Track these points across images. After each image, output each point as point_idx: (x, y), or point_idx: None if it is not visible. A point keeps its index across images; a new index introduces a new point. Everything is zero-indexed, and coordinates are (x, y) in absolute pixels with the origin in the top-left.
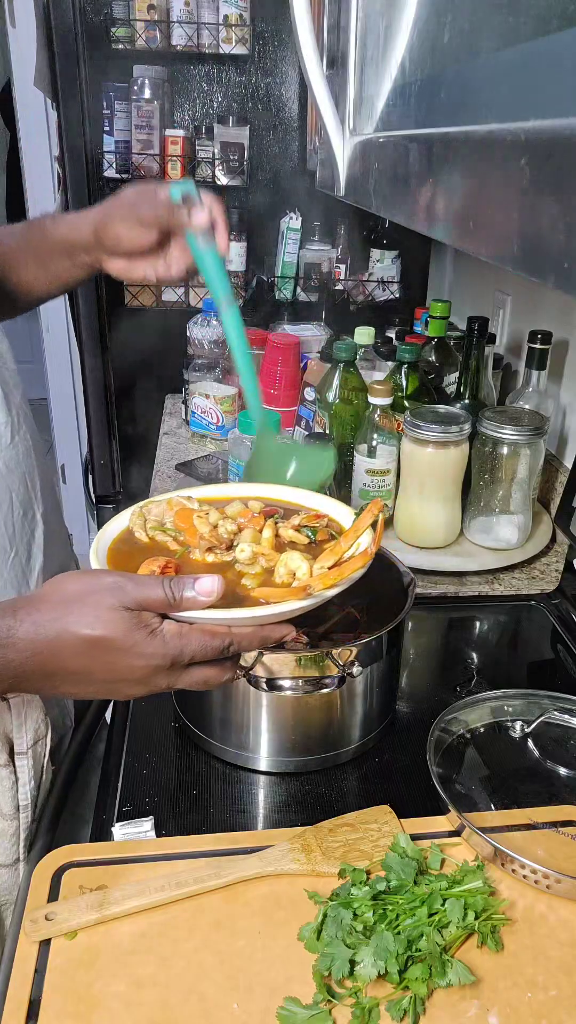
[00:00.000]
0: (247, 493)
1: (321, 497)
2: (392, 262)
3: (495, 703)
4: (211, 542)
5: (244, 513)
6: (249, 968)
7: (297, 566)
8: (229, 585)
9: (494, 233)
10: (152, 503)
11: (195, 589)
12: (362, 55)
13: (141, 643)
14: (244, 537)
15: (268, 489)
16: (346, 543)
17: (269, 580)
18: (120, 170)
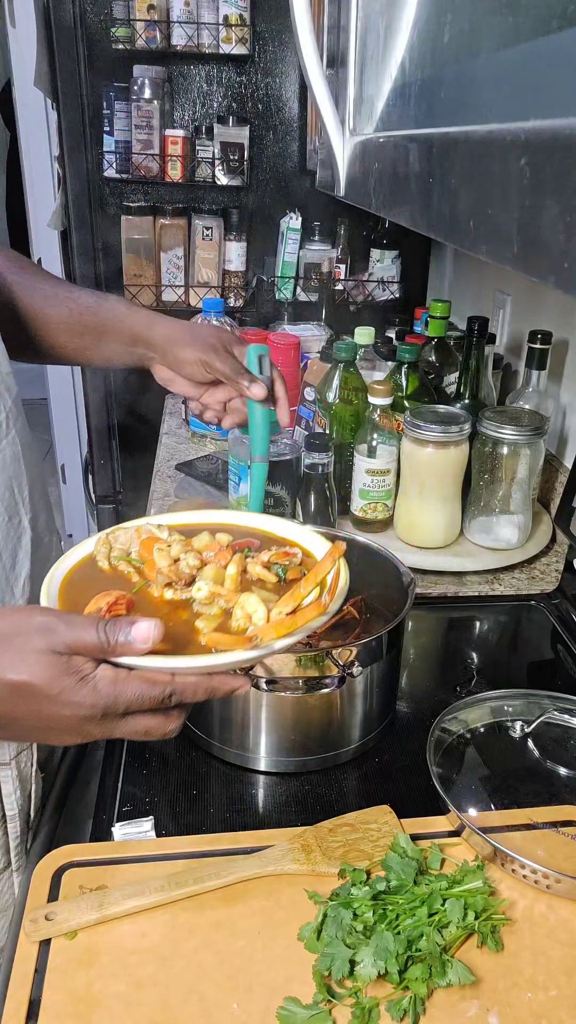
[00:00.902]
0: (223, 520)
1: (300, 528)
2: (392, 262)
3: (495, 703)
4: (169, 577)
5: (211, 546)
6: (249, 968)
7: (254, 610)
8: (182, 626)
9: (494, 233)
10: (120, 530)
11: (130, 634)
12: (362, 55)
13: (68, 691)
14: (205, 574)
15: (247, 518)
16: (305, 588)
17: (225, 623)
18: (120, 170)
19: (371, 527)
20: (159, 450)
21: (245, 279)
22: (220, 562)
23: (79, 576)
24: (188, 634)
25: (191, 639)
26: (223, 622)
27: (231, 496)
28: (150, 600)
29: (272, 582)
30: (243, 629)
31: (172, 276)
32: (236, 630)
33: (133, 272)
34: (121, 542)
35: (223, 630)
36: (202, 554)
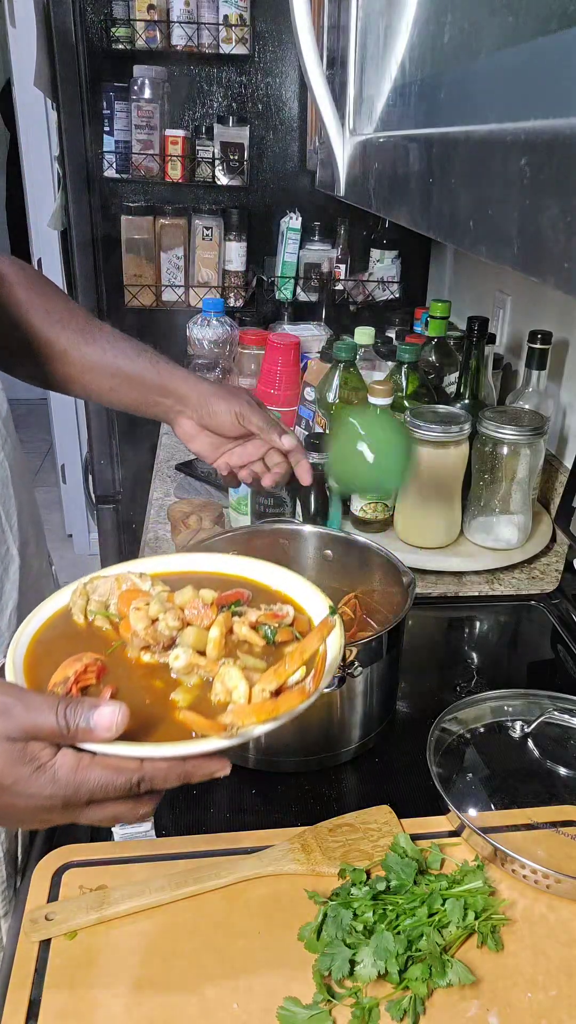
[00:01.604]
0: (213, 568)
1: (295, 579)
2: (392, 262)
3: (495, 703)
4: (146, 641)
5: (194, 603)
6: (249, 968)
7: (234, 686)
8: (157, 696)
9: (494, 233)
10: (100, 578)
11: (92, 720)
12: (362, 55)
13: (24, 780)
14: (186, 637)
15: (239, 564)
16: (291, 665)
17: (204, 696)
18: (120, 170)
19: (371, 527)
20: (159, 450)
21: (245, 279)
22: (203, 623)
23: (52, 633)
24: (163, 707)
25: (165, 714)
26: (201, 694)
27: (231, 496)
28: (125, 663)
29: (259, 646)
30: (223, 704)
31: (172, 276)
32: (215, 704)
33: (133, 272)
34: (100, 593)
35: (201, 704)
36: (184, 611)
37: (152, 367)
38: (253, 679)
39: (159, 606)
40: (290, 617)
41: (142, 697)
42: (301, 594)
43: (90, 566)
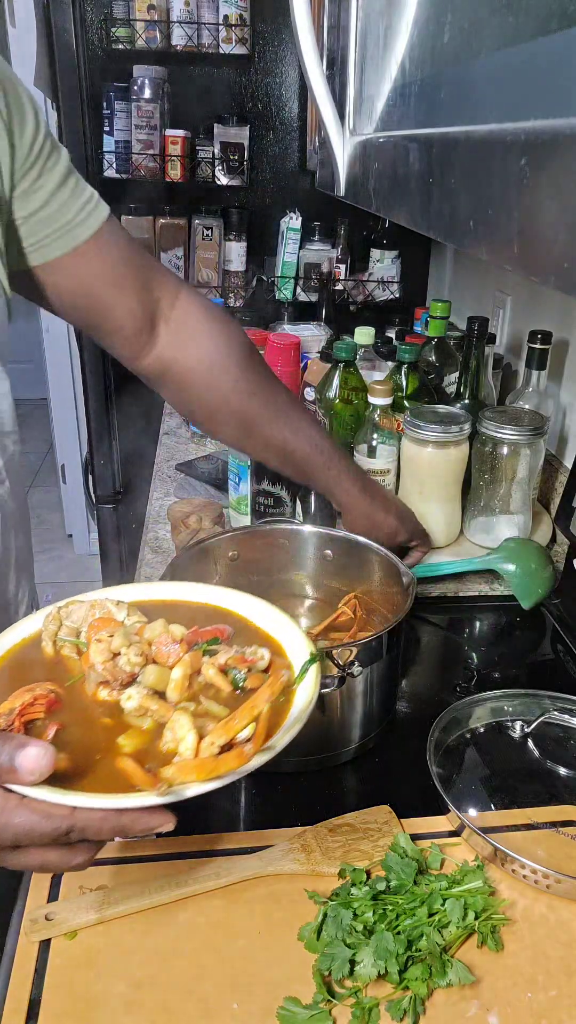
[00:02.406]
0: (205, 599)
1: (284, 621)
2: (392, 262)
3: (495, 703)
4: (104, 676)
5: (164, 636)
6: (249, 968)
7: (182, 736)
8: (105, 737)
9: (494, 233)
10: (75, 603)
11: (16, 760)
12: (362, 55)
13: None
14: (147, 676)
15: (229, 597)
16: (239, 721)
17: (154, 744)
18: (120, 170)
19: None
20: (159, 450)
21: (245, 279)
22: (169, 661)
23: (17, 660)
24: (108, 750)
25: (108, 757)
26: (152, 739)
27: (231, 496)
28: (82, 698)
29: (226, 691)
30: (171, 752)
31: None
32: (164, 753)
33: None
34: (74, 619)
35: (149, 751)
36: (151, 646)
37: (323, 469)
38: (207, 730)
39: (123, 639)
40: (264, 661)
41: (90, 737)
42: (287, 636)
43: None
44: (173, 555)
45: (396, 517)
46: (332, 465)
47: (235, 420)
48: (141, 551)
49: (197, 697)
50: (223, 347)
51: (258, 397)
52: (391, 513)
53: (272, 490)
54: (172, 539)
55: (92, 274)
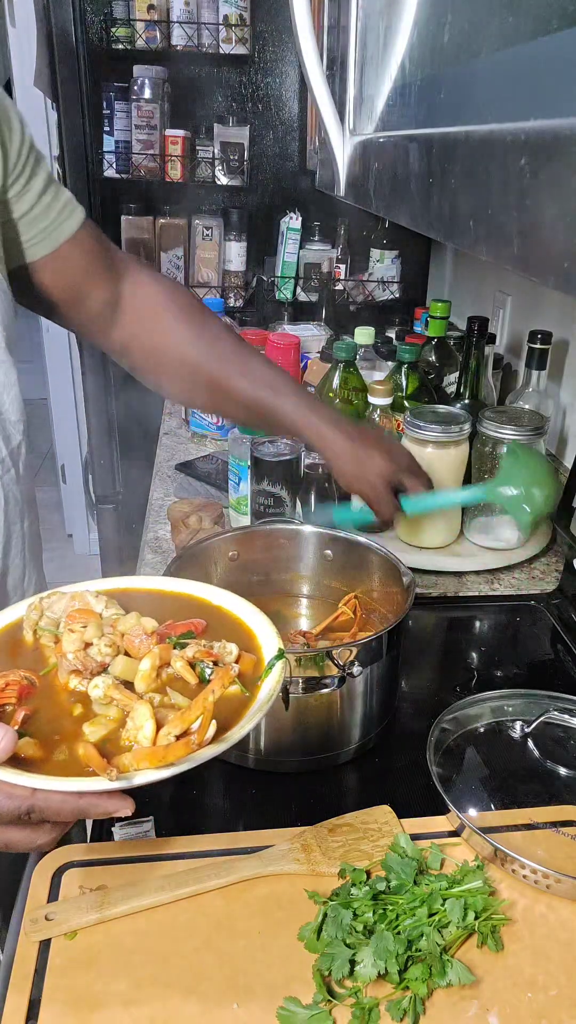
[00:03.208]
0: (190, 592)
1: (259, 617)
2: (392, 262)
3: (495, 703)
4: (75, 665)
5: (136, 628)
6: (249, 968)
7: (140, 725)
8: (72, 725)
9: (494, 233)
10: (57, 594)
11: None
12: (362, 55)
13: None
14: (115, 666)
15: (208, 591)
16: (195, 710)
17: (117, 732)
18: (120, 170)
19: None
20: (159, 450)
21: (245, 279)
22: (140, 653)
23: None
24: (74, 737)
25: (73, 744)
26: (116, 729)
27: (231, 496)
28: (55, 686)
29: (193, 684)
30: (132, 741)
31: (172, 276)
32: (124, 742)
33: None
34: (55, 610)
35: (112, 739)
36: (123, 638)
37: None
38: (168, 719)
39: (95, 630)
40: (232, 655)
41: (58, 725)
42: (261, 633)
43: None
44: (173, 555)
45: (383, 454)
46: (300, 409)
47: (199, 381)
48: (141, 551)
49: (164, 689)
50: (174, 310)
51: (214, 353)
52: (377, 449)
53: (272, 490)
54: (172, 539)
55: (73, 269)
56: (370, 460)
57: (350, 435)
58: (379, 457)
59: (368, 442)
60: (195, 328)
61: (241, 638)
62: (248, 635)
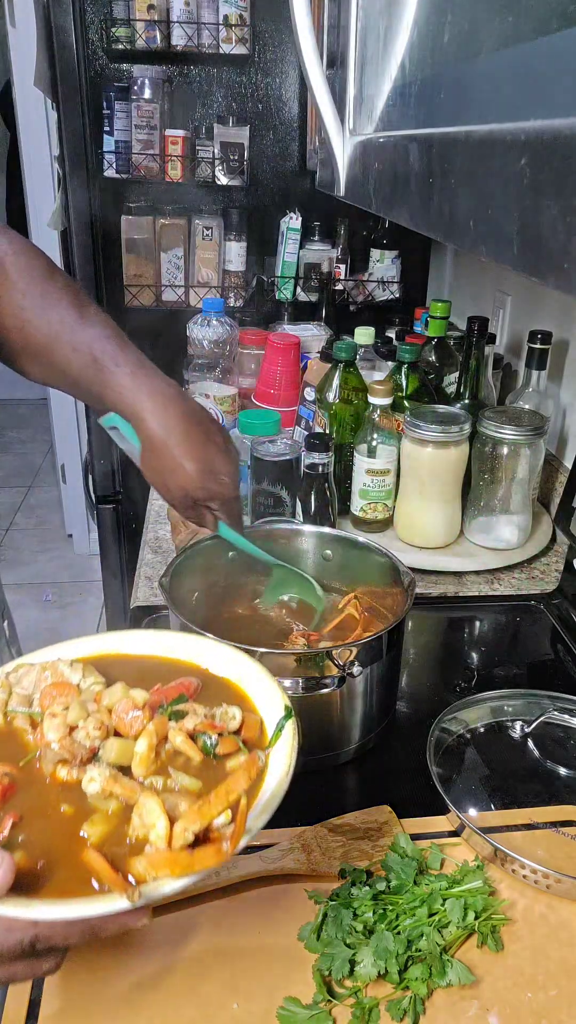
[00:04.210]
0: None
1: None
2: (392, 262)
3: (495, 703)
4: (61, 754)
5: (125, 704)
6: (249, 968)
7: (152, 823)
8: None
9: (494, 233)
10: (25, 666)
11: None
12: (362, 55)
13: None
14: (108, 751)
15: (192, 646)
16: (216, 806)
17: (120, 829)
18: (120, 170)
19: (371, 527)
20: None
21: (245, 279)
22: (132, 730)
23: None
24: (71, 841)
25: (73, 851)
26: (118, 824)
27: None
28: (38, 779)
29: (197, 760)
30: (141, 840)
31: (172, 276)
32: (134, 841)
33: (133, 272)
34: (24, 685)
35: (116, 838)
36: (112, 714)
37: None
38: (179, 810)
39: (79, 710)
40: (236, 721)
41: (51, 829)
42: (257, 688)
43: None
44: (173, 555)
45: (191, 467)
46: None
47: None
48: (141, 551)
49: (165, 769)
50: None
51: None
52: (184, 460)
53: (272, 490)
54: (172, 539)
55: None
56: (175, 468)
57: (169, 431)
58: (190, 466)
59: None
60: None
61: (230, 696)
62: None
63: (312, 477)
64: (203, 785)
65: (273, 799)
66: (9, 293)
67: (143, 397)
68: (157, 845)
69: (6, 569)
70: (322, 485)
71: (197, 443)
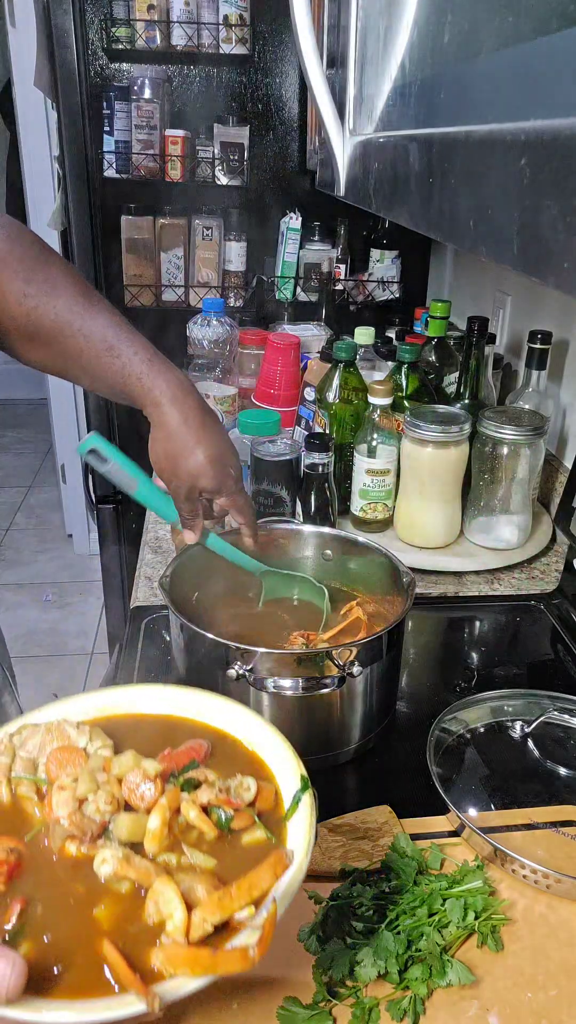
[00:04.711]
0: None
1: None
2: (392, 262)
3: (495, 703)
4: (71, 830)
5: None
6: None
7: (169, 913)
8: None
9: (494, 233)
10: (29, 727)
11: None
12: (362, 55)
13: None
14: (119, 827)
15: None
16: (238, 899)
17: (135, 912)
18: (120, 170)
19: (371, 527)
20: None
21: (245, 279)
22: (143, 802)
23: None
24: (83, 925)
25: (85, 937)
26: (132, 906)
27: None
28: (46, 855)
29: (211, 836)
30: (159, 925)
31: (172, 276)
32: (148, 926)
33: (133, 272)
34: (28, 748)
35: (130, 921)
36: (122, 785)
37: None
38: (196, 893)
39: (88, 782)
40: (251, 793)
41: (61, 913)
42: (272, 755)
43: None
44: (173, 555)
45: (204, 455)
46: (141, 377)
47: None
48: (141, 551)
49: (178, 844)
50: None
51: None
52: (199, 448)
53: (272, 490)
54: (172, 539)
55: None
56: (184, 458)
57: (186, 418)
58: (198, 456)
59: (193, 432)
60: (29, 276)
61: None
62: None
63: (312, 477)
64: (218, 863)
65: (294, 883)
66: (12, 280)
67: (160, 383)
68: (175, 937)
69: (6, 569)
70: (322, 485)
71: (211, 432)
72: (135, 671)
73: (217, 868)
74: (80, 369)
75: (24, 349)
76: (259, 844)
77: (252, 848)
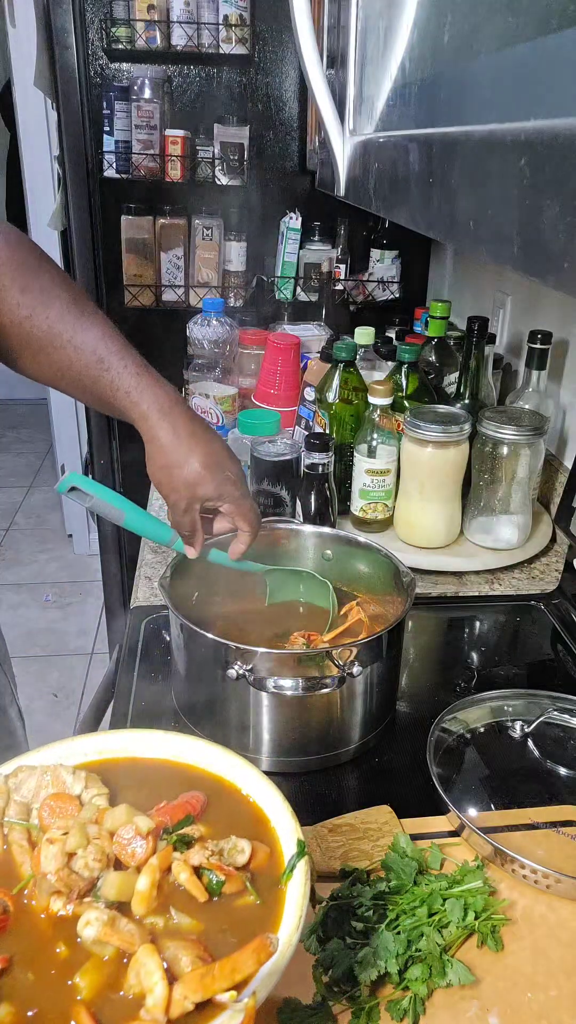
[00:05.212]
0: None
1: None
2: (392, 262)
3: (495, 703)
4: (57, 886)
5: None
6: None
7: (150, 987)
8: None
9: (494, 233)
10: (25, 769)
11: None
12: (362, 55)
13: None
14: (107, 886)
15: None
16: (222, 981)
17: (115, 980)
18: (120, 170)
19: (371, 527)
20: None
21: (245, 279)
22: (134, 859)
23: None
24: (62, 993)
25: (62, 1003)
26: (113, 974)
27: None
28: (32, 913)
29: (200, 900)
30: (138, 997)
31: (172, 276)
32: (127, 999)
33: (133, 272)
34: (23, 792)
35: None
36: (113, 840)
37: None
38: (180, 963)
39: (79, 836)
40: (245, 856)
41: (42, 979)
42: (269, 803)
43: (90, 566)
44: (173, 555)
45: (199, 463)
46: (131, 391)
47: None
48: (141, 551)
49: (166, 906)
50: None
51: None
52: (192, 456)
53: (272, 490)
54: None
55: None
56: (182, 466)
57: (172, 423)
58: (195, 464)
59: (188, 441)
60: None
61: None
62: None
63: (312, 477)
64: (206, 927)
65: (276, 970)
66: (9, 288)
67: (148, 396)
68: (154, 1014)
69: (6, 569)
70: (322, 485)
71: (203, 441)
72: (135, 671)
73: (205, 933)
74: (70, 380)
75: (15, 358)
76: (250, 906)
77: (242, 909)
